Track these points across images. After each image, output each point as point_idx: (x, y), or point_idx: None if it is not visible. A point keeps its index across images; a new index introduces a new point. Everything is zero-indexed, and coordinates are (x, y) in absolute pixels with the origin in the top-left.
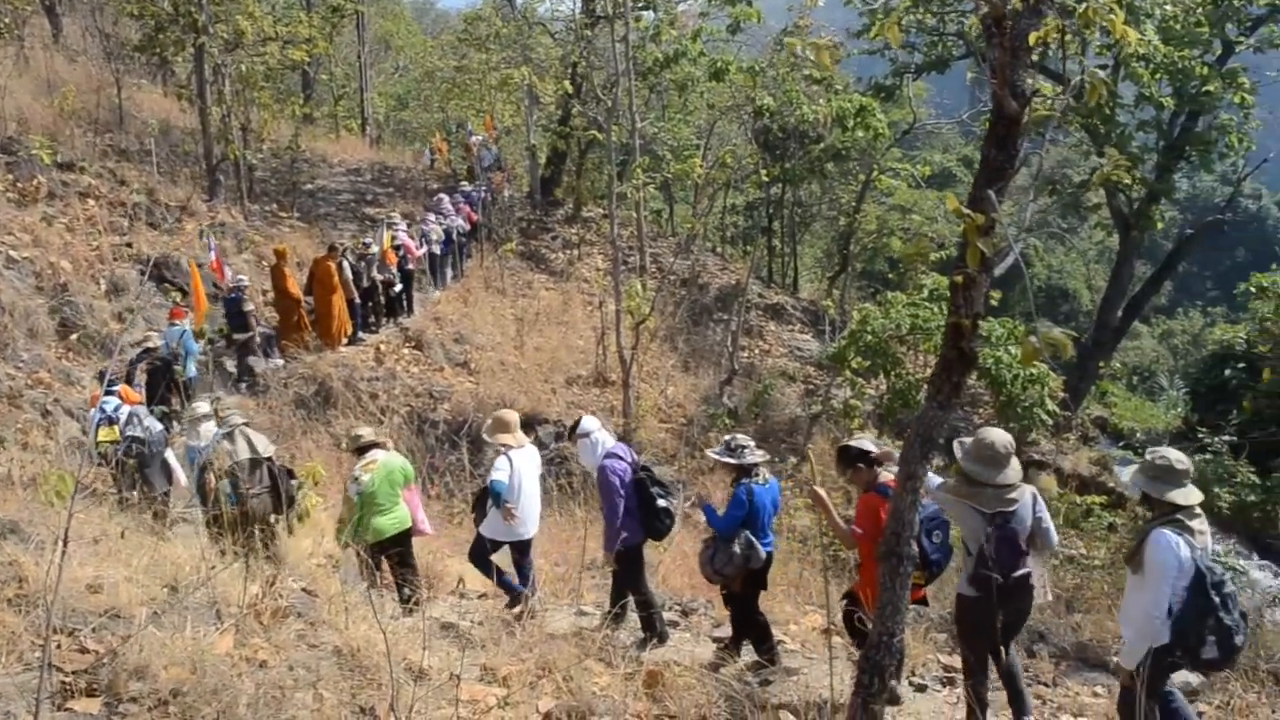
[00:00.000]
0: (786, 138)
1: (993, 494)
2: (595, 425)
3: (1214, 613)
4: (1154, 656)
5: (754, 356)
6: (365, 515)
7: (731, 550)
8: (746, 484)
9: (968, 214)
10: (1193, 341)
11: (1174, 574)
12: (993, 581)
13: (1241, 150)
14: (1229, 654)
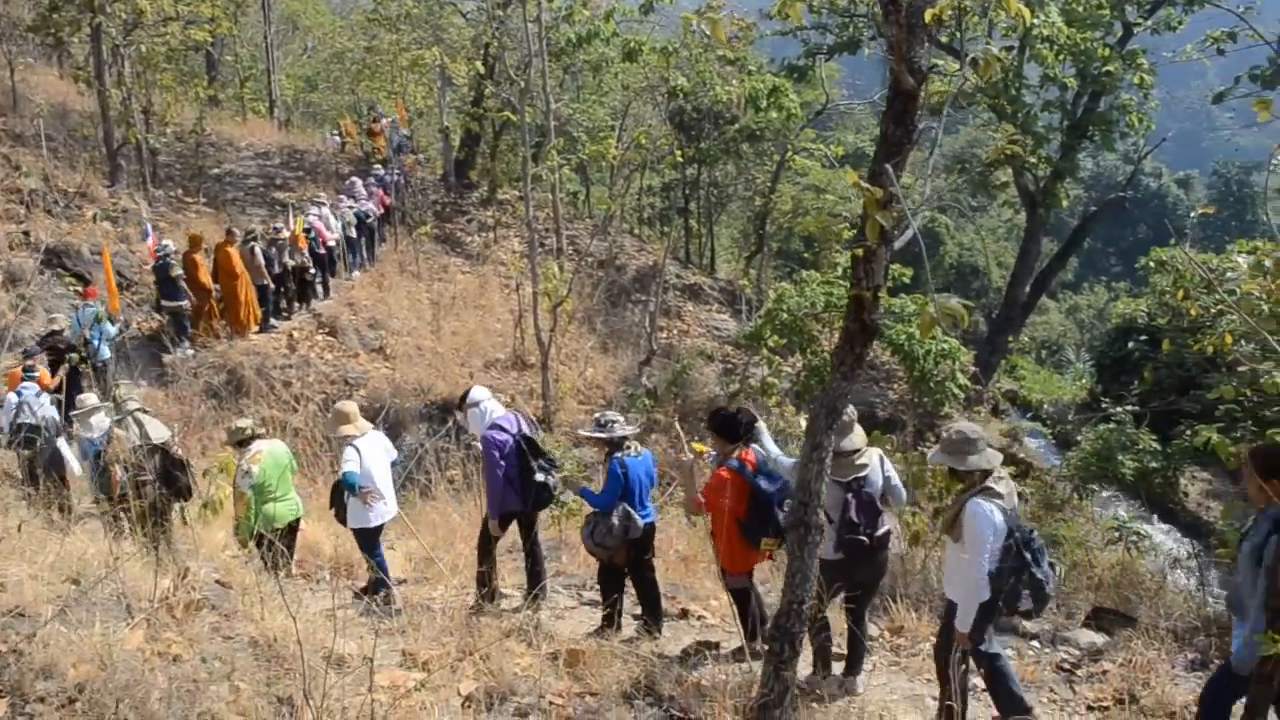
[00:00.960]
0: (701, 118)
1: (846, 462)
2: (484, 395)
3: (1027, 568)
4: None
5: (672, 337)
6: (260, 506)
7: (610, 523)
8: (619, 457)
9: (866, 188)
10: (1098, 316)
11: (991, 539)
12: (860, 544)
13: (1142, 130)
14: (1042, 603)
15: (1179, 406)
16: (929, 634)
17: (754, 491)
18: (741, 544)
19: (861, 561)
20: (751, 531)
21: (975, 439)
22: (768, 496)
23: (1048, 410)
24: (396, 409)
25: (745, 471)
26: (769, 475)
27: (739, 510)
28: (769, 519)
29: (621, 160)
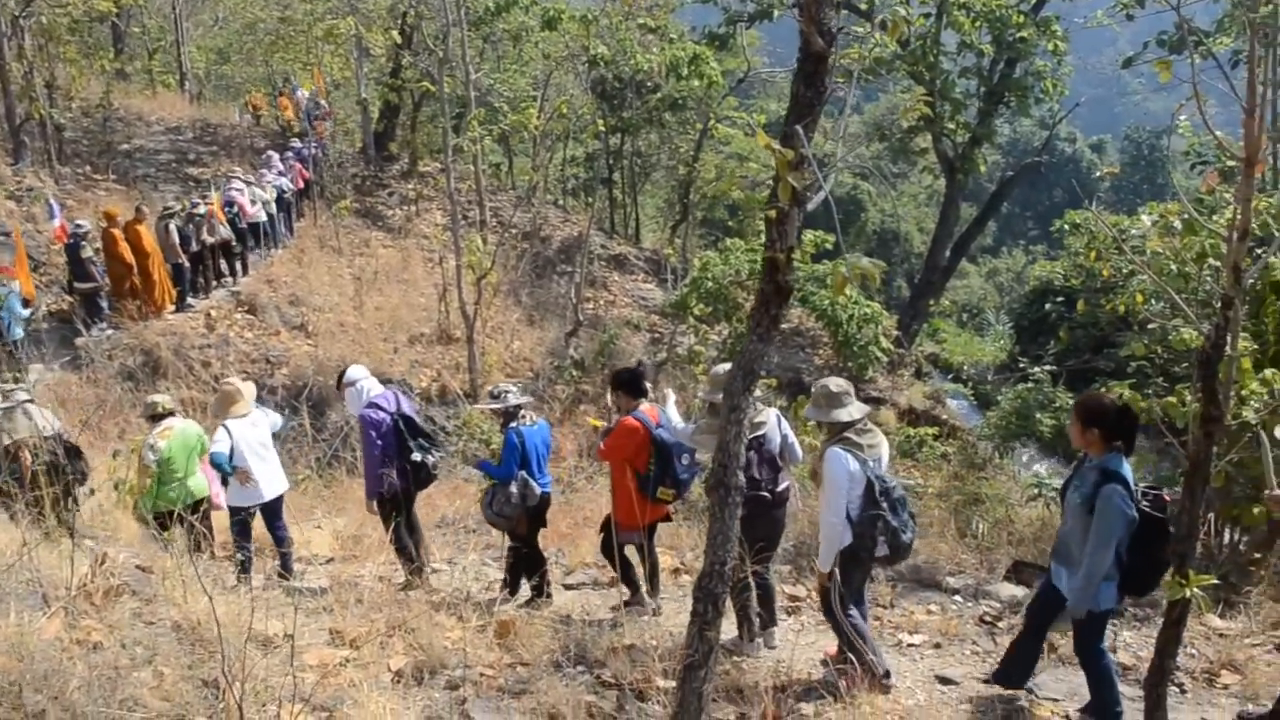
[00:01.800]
0: (623, 87)
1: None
2: (361, 374)
3: (883, 516)
4: (842, 557)
5: (599, 307)
6: (162, 483)
7: (509, 492)
8: (514, 427)
9: (777, 150)
10: (1016, 278)
11: (846, 485)
12: (762, 500)
13: (1056, 95)
14: (898, 551)
15: (1094, 365)
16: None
17: (655, 443)
18: (639, 496)
19: (763, 517)
20: (650, 483)
21: (839, 393)
22: (668, 448)
23: (969, 372)
24: (320, 386)
25: (647, 423)
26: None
27: (639, 462)
28: (668, 470)
29: (544, 130)
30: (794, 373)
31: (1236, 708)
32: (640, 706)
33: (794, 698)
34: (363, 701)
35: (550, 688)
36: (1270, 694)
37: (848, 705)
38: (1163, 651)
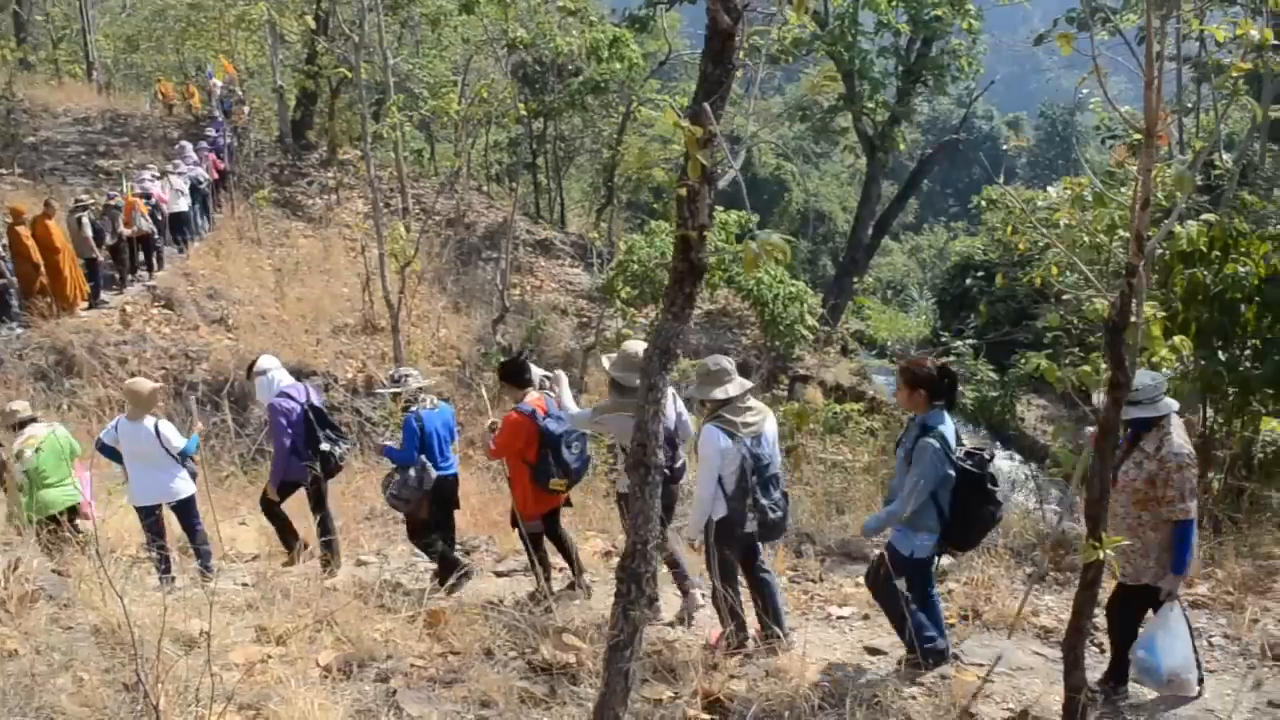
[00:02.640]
0: (544, 71)
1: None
2: (272, 364)
3: (753, 494)
4: (717, 527)
5: (525, 293)
6: (33, 491)
7: (408, 475)
8: (414, 411)
9: (685, 127)
10: (938, 255)
11: (717, 460)
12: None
13: (972, 73)
14: (765, 527)
15: (1013, 337)
16: (784, 571)
17: (542, 434)
18: (534, 488)
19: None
20: (541, 474)
21: (717, 371)
22: (555, 438)
23: (894, 347)
24: (242, 381)
25: (534, 415)
26: (557, 418)
27: (529, 454)
28: (558, 461)
29: (465, 116)
30: (721, 353)
31: None
32: (573, 690)
33: (728, 675)
34: (290, 698)
35: (482, 675)
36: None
37: (780, 680)
38: (1080, 612)
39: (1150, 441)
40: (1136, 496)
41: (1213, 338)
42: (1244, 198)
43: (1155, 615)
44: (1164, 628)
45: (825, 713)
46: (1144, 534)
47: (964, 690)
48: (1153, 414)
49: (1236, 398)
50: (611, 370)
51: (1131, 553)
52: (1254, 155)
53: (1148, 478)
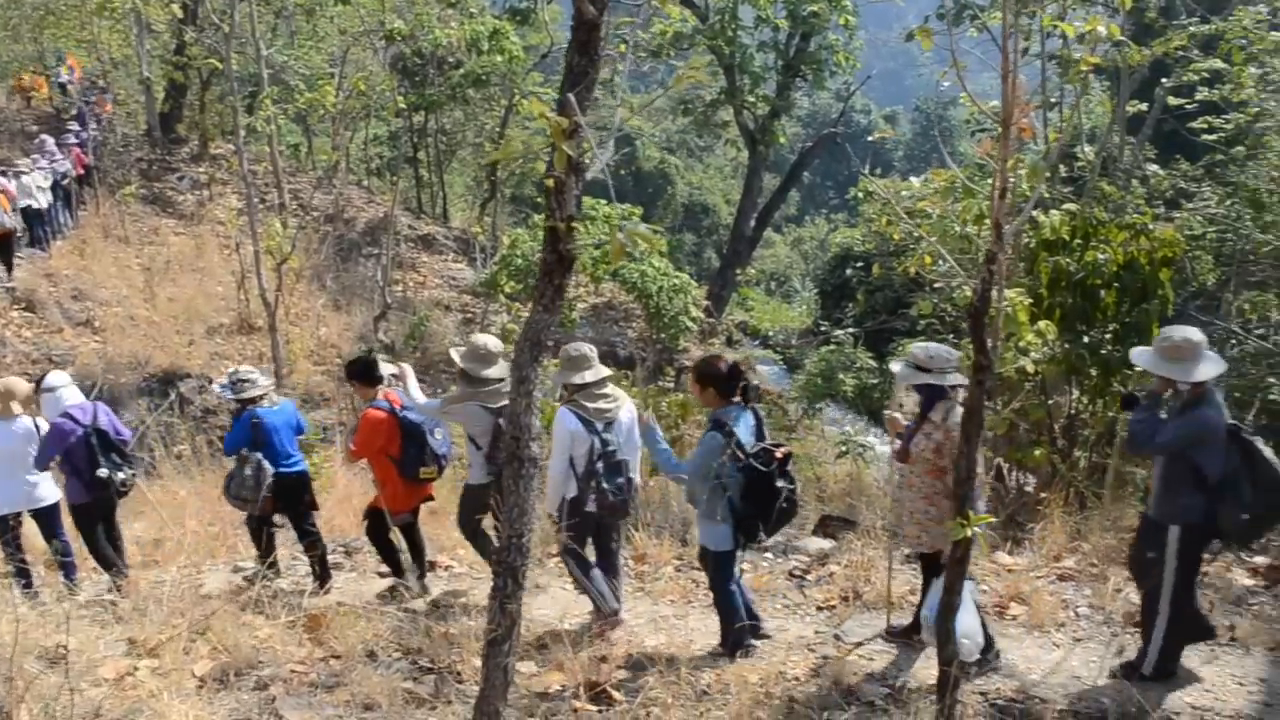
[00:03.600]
0: (424, 64)
1: (491, 391)
2: (61, 382)
3: (596, 476)
4: (568, 505)
5: (408, 289)
6: None
7: (244, 474)
8: (251, 410)
9: (551, 118)
10: (819, 246)
11: (568, 442)
12: None
13: (849, 68)
14: (605, 508)
15: (890, 325)
16: (670, 559)
17: (403, 426)
18: (402, 482)
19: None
20: (408, 466)
21: (578, 357)
22: (417, 427)
23: (777, 337)
24: (111, 385)
25: (391, 409)
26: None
27: (392, 449)
28: (424, 450)
29: (342, 109)
30: (609, 346)
31: (1024, 636)
32: (459, 688)
33: (616, 665)
34: (163, 711)
35: (365, 678)
36: (1054, 622)
37: (665, 670)
38: (950, 589)
39: (938, 412)
40: (928, 466)
41: (1076, 322)
42: (1103, 188)
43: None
44: None
45: (710, 698)
46: (938, 502)
47: (845, 670)
48: (941, 383)
49: (1099, 379)
50: (461, 362)
51: (928, 521)
52: (1114, 148)
53: (936, 447)
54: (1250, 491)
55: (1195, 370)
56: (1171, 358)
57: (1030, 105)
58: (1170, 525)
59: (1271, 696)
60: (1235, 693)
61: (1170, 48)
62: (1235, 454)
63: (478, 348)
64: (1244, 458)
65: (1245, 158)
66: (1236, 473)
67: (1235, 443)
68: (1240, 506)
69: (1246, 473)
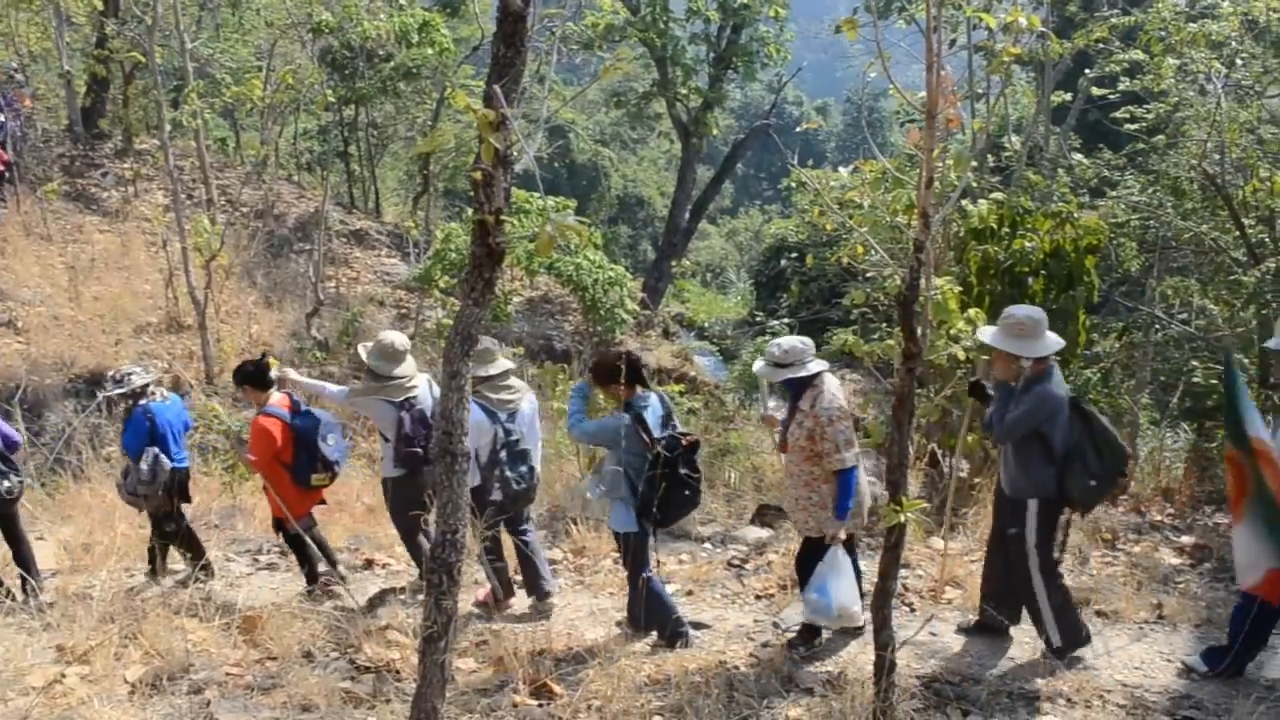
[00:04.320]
0: (354, 56)
1: (396, 386)
2: None
3: (500, 465)
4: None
5: (341, 285)
6: None
7: (140, 469)
8: (144, 405)
9: (477, 110)
10: (754, 237)
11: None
12: (417, 456)
13: (780, 60)
14: (509, 497)
15: (824, 315)
16: (609, 552)
17: (295, 433)
18: (295, 488)
19: (420, 473)
20: (300, 473)
21: (483, 350)
22: (309, 433)
23: (714, 329)
24: (34, 387)
25: (283, 415)
26: (306, 414)
27: (285, 455)
28: (315, 456)
29: (270, 103)
30: (545, 340)
31: (959, 619)
32: (398, 686)
33: (556, 659)
34: (93, 718)
35: (302, 679)
36: None
37: (605, 662)
38: (885, 574)
39: (806, 400)
40: (804, 454)
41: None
42: (1030, 177)
43: (824, 559)
44: (832, 569)
45: (650, 690)
46: (818, 488)
47: (784, 657)
48: (803, 374)
49: None
50: (369, 360)
51: (811, 506)
52: (1039, 138)
53: (809, 434)
54: (1095, 458)
55: (1037, 346)
56: (1016, 334)
57: (957, 96)
58: (1029, 500)
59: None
60: (1164, 669)
61: (1092, 39)
62: (1077, 424)
63: (385, 346)
64: (1085, 426)
65: (1166, 147)
66: (1080, 442)
67: (1076, 413)
68: (1087, 474)
69: (1089, 441)
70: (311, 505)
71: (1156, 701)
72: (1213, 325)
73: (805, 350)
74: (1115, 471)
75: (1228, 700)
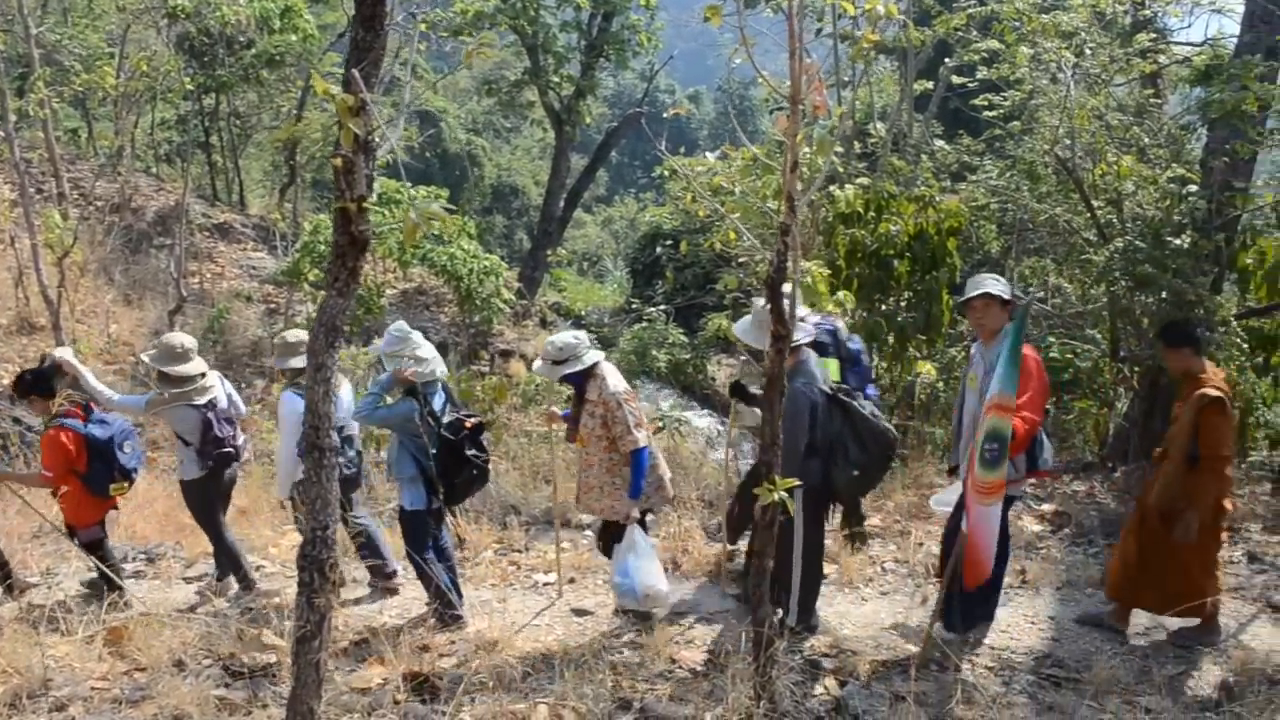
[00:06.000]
0: (213, 43)
1: (194, 388)
2: None
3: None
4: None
5: (205, 281)
6: None
7: None
8: None
9: (336, 95)
10: (630, 225)
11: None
12: (228, 455)
13: (651, 49)
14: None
15: (699, 301)
16: (490, 543)
17: (90, 444)
18: (89, 497)
19: (228, 468)
20: (97, 481)
21: (295, 342)
22: (105, 443)
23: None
24: None
25: (76, 426)
26: (100, 421)
27: (79, 464)
28: (112, 464)
29: (124, 91)
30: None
31: (836, 594)
32: (274, 690)
33: (439, 654)
34: None
35: (173, 689)
36: (863, 577)
37: (488, 653)
38: (760, 553)
39: (592, 390)
40: (603, 441)
41: (872, 292)
42: (894, 163)
43: (622, 541)
44: (632, 550)
45: (534, 678)
46: (620, 471)
47: (666, 639)
48: (580, 368)
49: (895, 344)
50: (155, 363)
51: (616, 490)
52: (903, 125)
53: (601, 422)
54: (857, 448)
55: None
56: (763, 327)
57: (823, 83)
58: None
59: (1059, 632)
60: (1028, 630)
61: (950, 28)
62: (837, 415)
63: (172, 347)
64: (845, 418)
65: (1021, 133)
66: (842, 433)
67: (835, 405)
68: (849, 465)
69: (850, 432)
70: (104, 513)
71: (1022, 662)
72: (1067, 303)
73: (580, 344)
74: (880, 459)
75: (1087, 658)
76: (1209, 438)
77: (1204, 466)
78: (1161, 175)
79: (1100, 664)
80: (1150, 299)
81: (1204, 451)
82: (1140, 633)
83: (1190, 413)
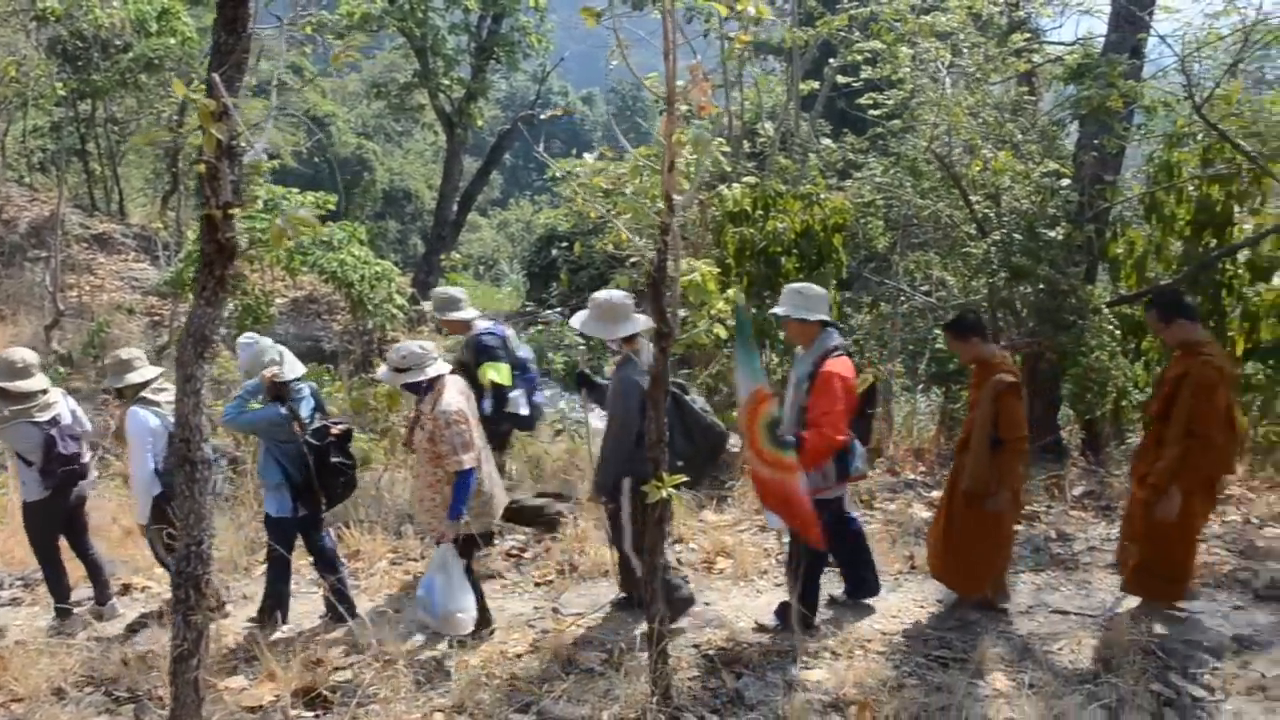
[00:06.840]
0: (87, 46)
1: (40, 405)
2: None
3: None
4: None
5: (84, 294)
6: None
7: None
8: None
9: (197, 100)
10: (525, 228)
11: (149, 439)
12: (75, 473)
13: (542, 50)
14: None
15: None
16: (384, 554)
17: None
18: None
19: (67, 494)
20: None
21: (128, 359)
22: None
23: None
24: None
25: None
26: None
27: None
28: None
29: None
30: (313, 341)
31: (731, 587)
32: (160, 715)
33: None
34: None
35: (52, 718)
36: (757, 570)
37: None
38: (653, 550)
39: (428, 403)
40: (428, 455)
41: (761, 289)
42: (781, 162)
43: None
44: (440, 569)
45: (427, 686)
46: (441, 489)
47: (564, 641)
48: (421, 379)
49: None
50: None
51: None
52: (791, 124)
53: (429, 436)
54: (683, 440)
55: (618, 329)
56: (600, 319)
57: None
58: (623, 479)
59: (947, 614)
60: (916, 614)
61: (833, 28)
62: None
63: (12, 362)
64: (676, 410)
65: (903, 130)
66: (670, 425)
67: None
68: (674, 456)
69: (679, 423)
70: None
71: (912, 646)
72: (950, 295)
73: (425, 355)
74: (707, 451)
75: (974, 639)
76: (1008, 421)
77: (1007, 448)
78: (1036, 170)
79: (985, 644)
80: (1028, 289)
81: (1005, 435)
82: (1023, 611)
83: (988, 399)
